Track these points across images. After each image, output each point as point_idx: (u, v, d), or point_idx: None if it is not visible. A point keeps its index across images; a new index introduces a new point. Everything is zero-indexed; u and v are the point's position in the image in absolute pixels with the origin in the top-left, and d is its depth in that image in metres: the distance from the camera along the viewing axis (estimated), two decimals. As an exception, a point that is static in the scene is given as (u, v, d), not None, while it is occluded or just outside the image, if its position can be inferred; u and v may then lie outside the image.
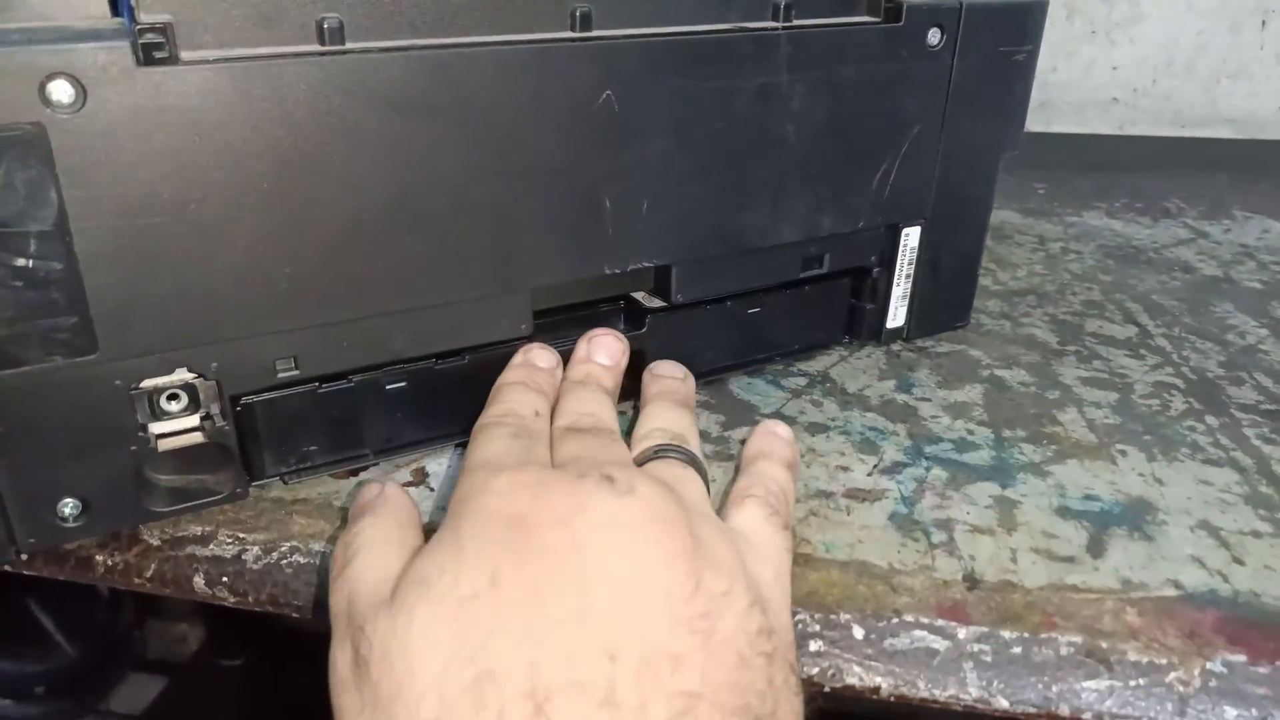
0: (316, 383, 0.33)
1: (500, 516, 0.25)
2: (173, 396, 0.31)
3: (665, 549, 0.24)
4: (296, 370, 0.32)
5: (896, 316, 0.45)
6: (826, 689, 0.28)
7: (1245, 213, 0.70)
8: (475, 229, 0.33)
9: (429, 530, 0.31)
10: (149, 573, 0.32)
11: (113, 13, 0.28)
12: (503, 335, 0.36)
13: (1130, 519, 0.34)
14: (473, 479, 0.27)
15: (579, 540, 0.24)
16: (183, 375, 0.30)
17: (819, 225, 0.40)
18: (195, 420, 0.31)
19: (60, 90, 0.25)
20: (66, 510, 0.30)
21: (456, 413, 0.36)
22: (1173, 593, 0.30)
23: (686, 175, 0.36)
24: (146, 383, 0.30)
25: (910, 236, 0.43)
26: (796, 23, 0.36)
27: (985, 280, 0.54)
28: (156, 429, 0.31)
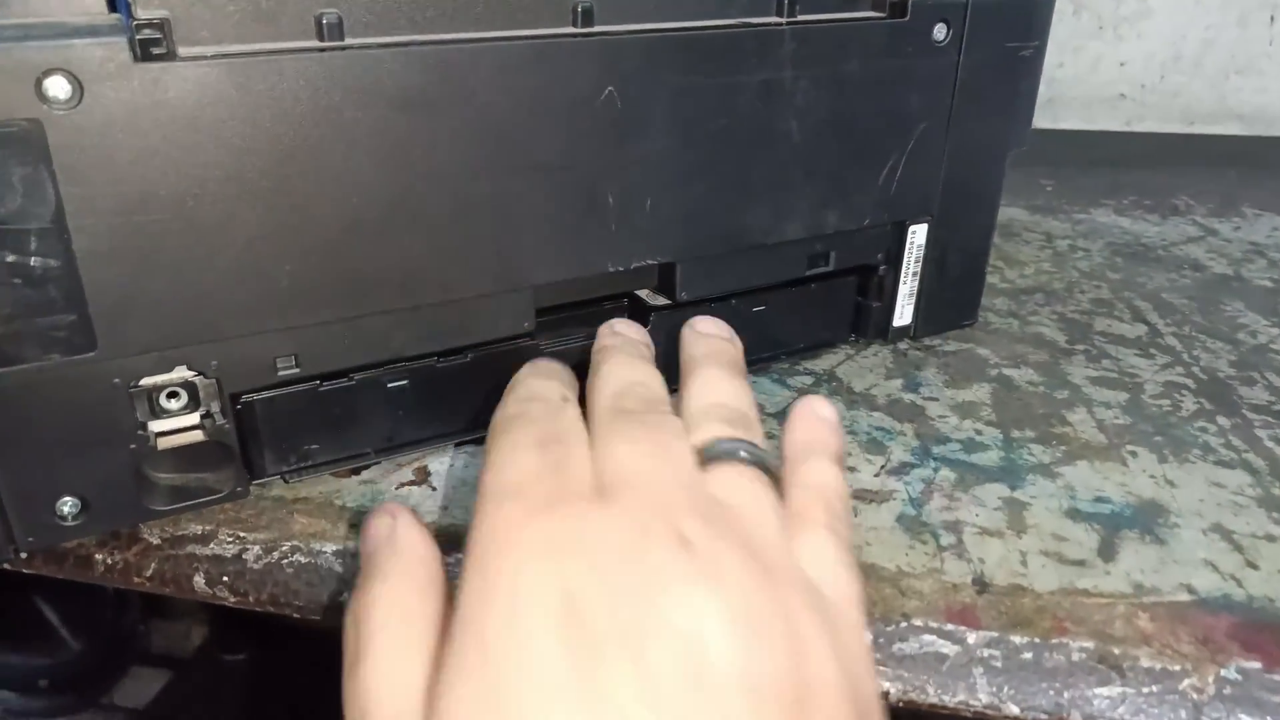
0: (317, 381, 0.33)
1: (539, 607, 0.20)
2: (172, 394, 0.31)
3: (763, 696, 0.19)
4: (297, 368, 0.32)
5: (903, 315, 0.45)
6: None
7: (1255, 210, 0.70)
8: (476, 226, 0.32)
9: (442, 533, 0.31)
10: (149, 572, 0.32)
11: (110, 8, 0.27)
12: (505, 333, 0.36)
13: (1141, 522, 0.33)
14: (494, 520, 0.22)
15: (652, 669, 0.19)
16: (182, 373, 0.30)
17: (824, 222, 0.40)
18: (195, 418, 0.31)
19: (57, 86, 0.25)
20: (65, 509, 0.30)
21: (459, 411, 0.36)
22: (1186, 597, 0.29)
23: (690, 172, 0.36)
24: (146, 381, 0.30)
25: (917, 234, 0.43)
26: (800, 18, 0.36)
27: (992, 278, 0.53)
28: (156, 427, 0.31)
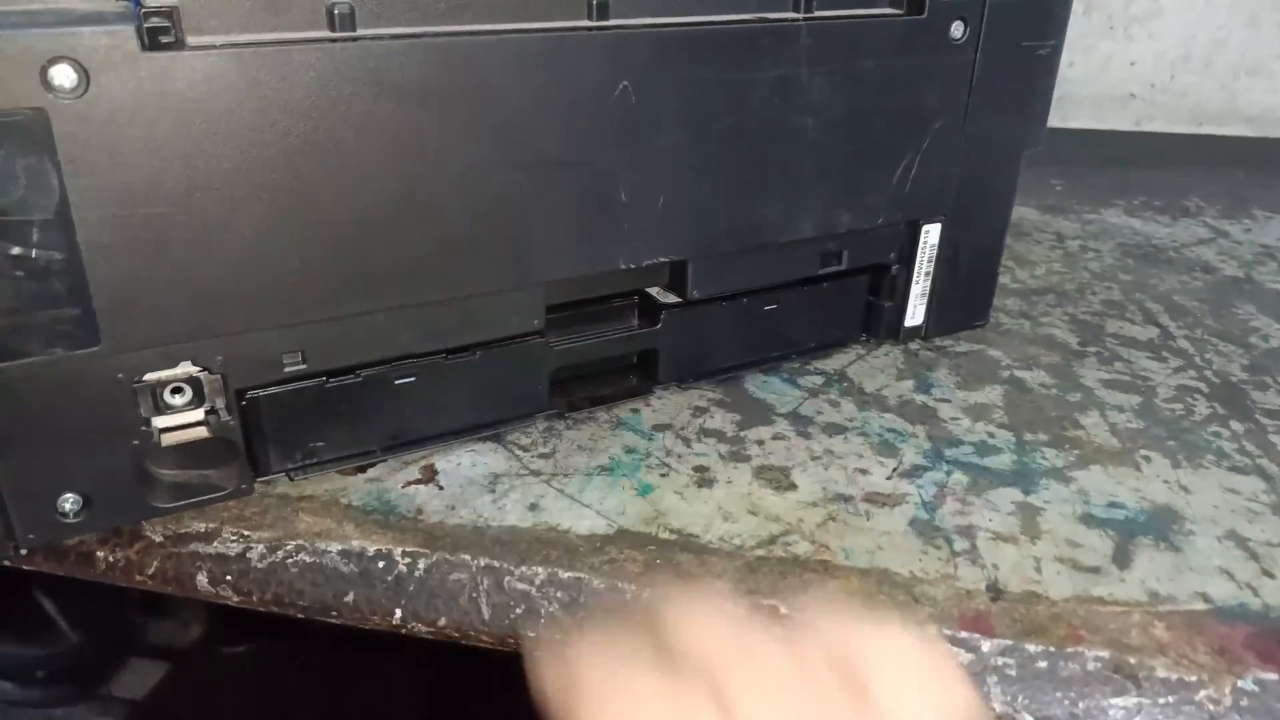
0: (324, 377, 0.32)
1: None
2: (177, 390, 0.30)
3: None
4: (303, 364, 0.32)
5: (915, 315, 0.44)
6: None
7: (1265, 212, 0.69)
8: (487, 222, 0.32)
9: (427, 532, 0.31)
10: (151, 570, 0.31)
11: (117, -5, 0.27)
12: (514, 330, 0.35)
13: (1156, 528, 0.33)
14: None
15: None
16: (187, 368, 0.30)
17: (838, 221, 0.39)
18: (199, 414, 0.31)
19: (63, 75, 0.25)
20: (67, 505, 0.30)
21: (466, 409, 0.36)
22: (1201, 606, 0.29)
23: (704, 168, 0.35)
24: (150, 376, 0.29)
25: (930, 233, 0.43)
26: (817, 13, 0.36)
27: (1003, 278, 0.53)
28: (160, 423, 0.30)
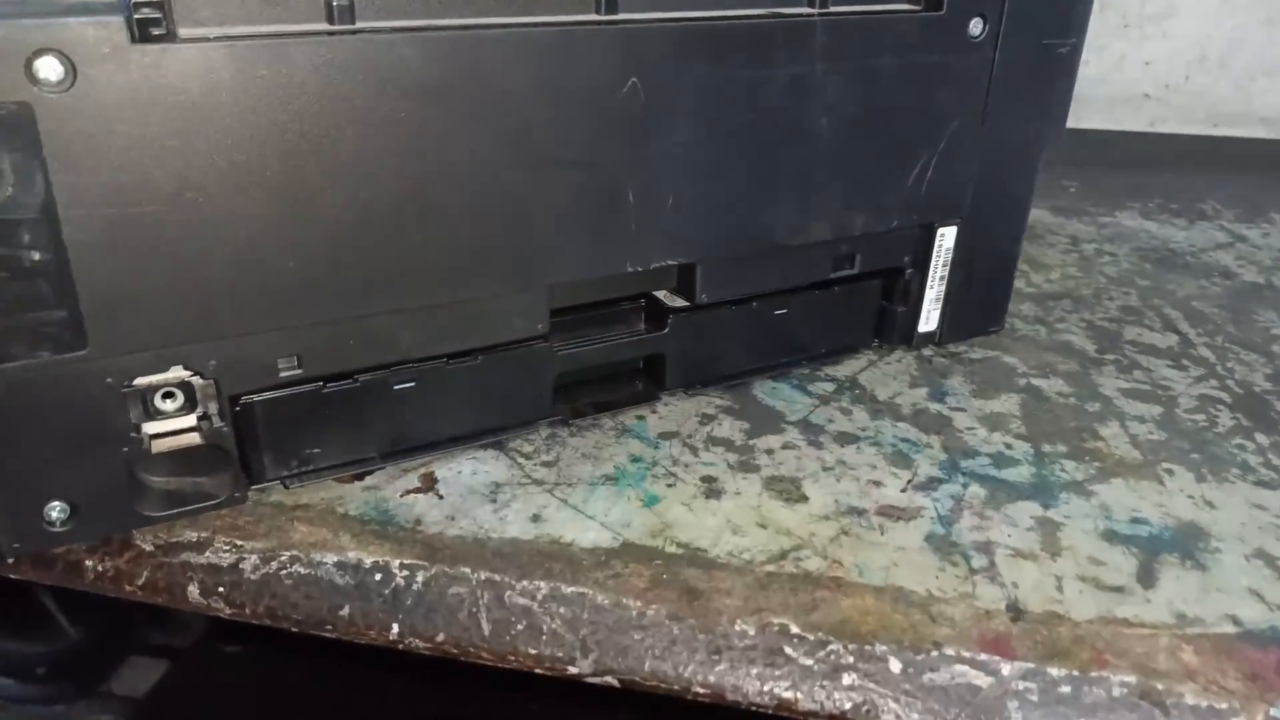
0: (320, 382, 0.32)
1: None
2: (168, 395, 0.30)
3: None
4: (299, 369, 0.31)
5: (929, 320, 0.43)
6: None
7: (1284, 216, 0.68)
8: (490, 222, 0.31)
9: (425, 543, 0.30)
10: (141, 580, 0.30)
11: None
12: (517, 334, 0.34)
13: (1181, 545, 0.32)
14: None
15: None
16: (179, 373, 0.29)
17: (851, 224, 0.38)
18: (192, 420, 0.30)
19: (48, 68, 0.24)
20: (54, 514, 0.29)
21: (468, 415, 0.35)
22: (1231, 629, 0.28)
23: (714, 168, 0.34)
24: (140, 380, 0.29)
25: (945, 236, 0.41)
26: (833, 9, 0.35)
27: (1018, 282, 0.52)
28: (150, 429, 0.30)
